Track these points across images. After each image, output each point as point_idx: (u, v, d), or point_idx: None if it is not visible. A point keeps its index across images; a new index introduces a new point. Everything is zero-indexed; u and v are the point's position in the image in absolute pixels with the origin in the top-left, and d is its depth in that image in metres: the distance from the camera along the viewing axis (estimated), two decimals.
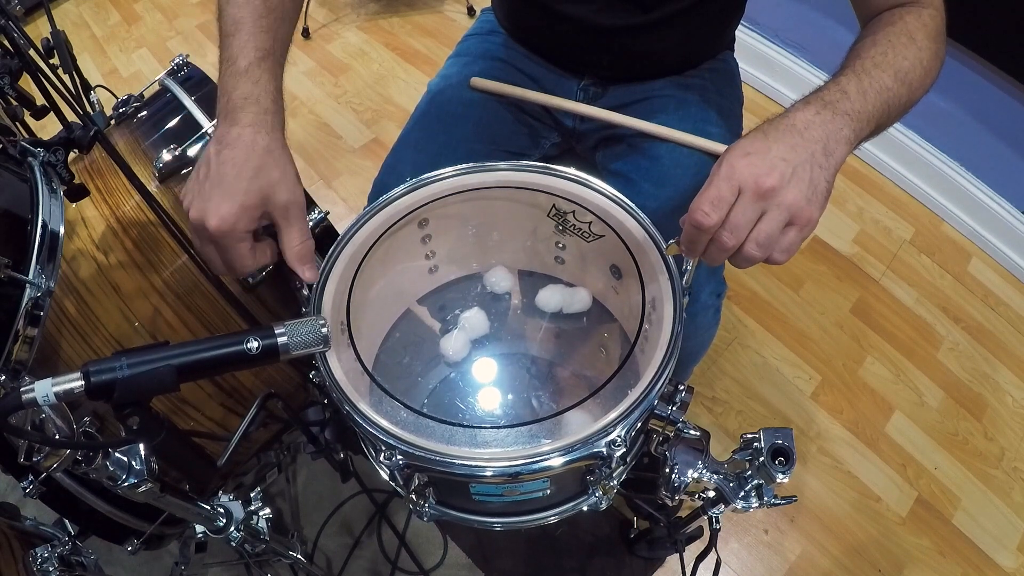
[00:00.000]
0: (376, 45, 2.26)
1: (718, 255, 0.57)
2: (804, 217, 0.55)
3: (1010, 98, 1.52)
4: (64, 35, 0.91)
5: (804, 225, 0.56)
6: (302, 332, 0.55)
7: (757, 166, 0.54)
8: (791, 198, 0.54)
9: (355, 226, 0.75)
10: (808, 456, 1.39)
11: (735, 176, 0.54)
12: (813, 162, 0.56)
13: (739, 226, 0.55)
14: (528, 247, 0.86)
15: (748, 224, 0.55)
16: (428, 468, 0.60)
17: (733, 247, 0.56)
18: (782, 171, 0.54)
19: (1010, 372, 1.52)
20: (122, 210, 0.88)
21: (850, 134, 0.59)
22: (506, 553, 1.26)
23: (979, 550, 1.29)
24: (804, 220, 0.55)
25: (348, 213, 1.79)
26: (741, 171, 0.54)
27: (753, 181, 0.54)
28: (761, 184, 0.54)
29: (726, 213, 0.55)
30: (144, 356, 0.50)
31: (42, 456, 0.55)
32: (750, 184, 0.54)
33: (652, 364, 0.62)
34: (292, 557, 0.99)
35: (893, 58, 0.65)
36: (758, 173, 0.54)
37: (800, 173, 0.55)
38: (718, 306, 0.88)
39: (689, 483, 0.73)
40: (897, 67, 0.64)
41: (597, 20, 0.88)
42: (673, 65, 0.97)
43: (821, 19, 1.78)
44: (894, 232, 1.75)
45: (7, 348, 0.68)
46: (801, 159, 0.56)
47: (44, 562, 0.84)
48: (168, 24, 2.39)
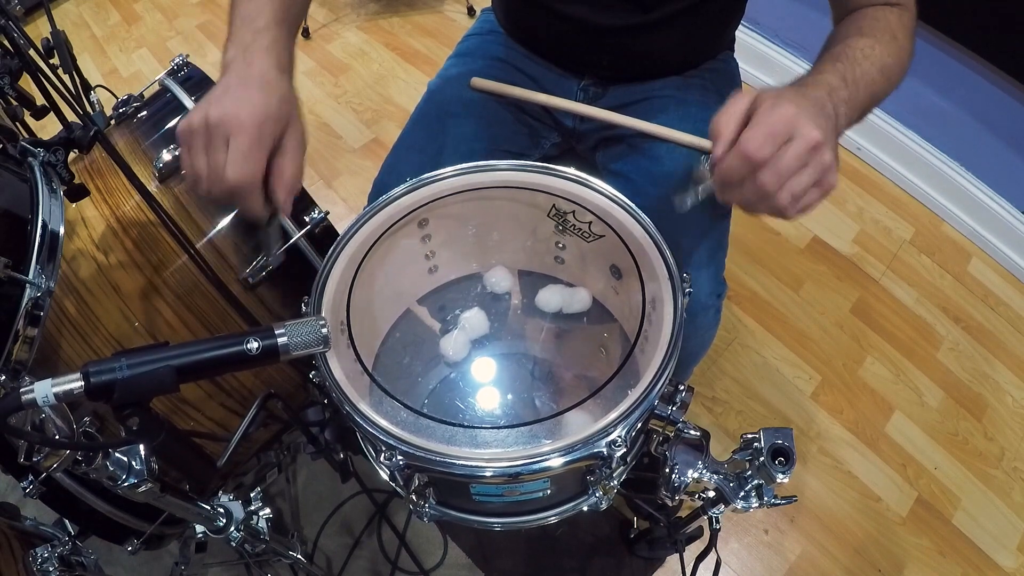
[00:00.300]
0: (376, 45, 2.26)
1: (753, 196, 0.56)
2: (829, 181, 0.56)
3: (1010, 98, 1.52)
4: (64, 35, 0.91)
5: (827, 189, 0.56)
6: (302, 332, 0.55)
7: (807, 120, 0.54)
8: (828, 159, 0.55)
9: (355, 226, 0.75)
10: (808, 456, 1.39)
11: (791, 121, 0.54)
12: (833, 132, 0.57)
13: (784, 172, 0.54)
14: (528, 247, 0.86)
15: (791, 172, 0.54)
16: (428, 468, 0.60)
17: (773, 192, 0.54)
18: (823, 132, 0.54)
19: (1010, 372, 1.52)
20: (122, 210, 0.88)
21: (844, 122, 0.61)
22: (506, 553, 1.26)
23: (979, 550, 1.29)
24: (828, 184, 0.56)
25: (348, 213, 1.79)
26: (796, 119, 0.54)
27: (807, 132, 0.53)
28: (813, 138, 0.53)
29: (776, 152, 0.54)
30: (144, 356, 0.50)
31: (42, 456, 0.55)
32: (804, 133, 0.53)
33: (652, 364, 0.62)
34: (292, 557, 0.99)
35: (880, 53, 0.66)
36: (810, 127, 0.54)
37: (830, 139, 0.55)
38: (718, 306, 0.88)
39: (689, 483, 0.73)
40: (883, 63, 0.66)
41: (597, 20, 0.88)
42: (673, 65, 0.97)
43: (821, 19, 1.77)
44: (894, 232, 1.75)
45: (7, 348, 0.68)
46: (828, 127, 0.56)
47: (44, 562, 0.84)
48: (168, 24, 2.39)
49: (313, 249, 0.90)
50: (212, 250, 0.88)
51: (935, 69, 1.60)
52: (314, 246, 0.90)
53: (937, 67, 1.59)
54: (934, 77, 1.63)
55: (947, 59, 1.56)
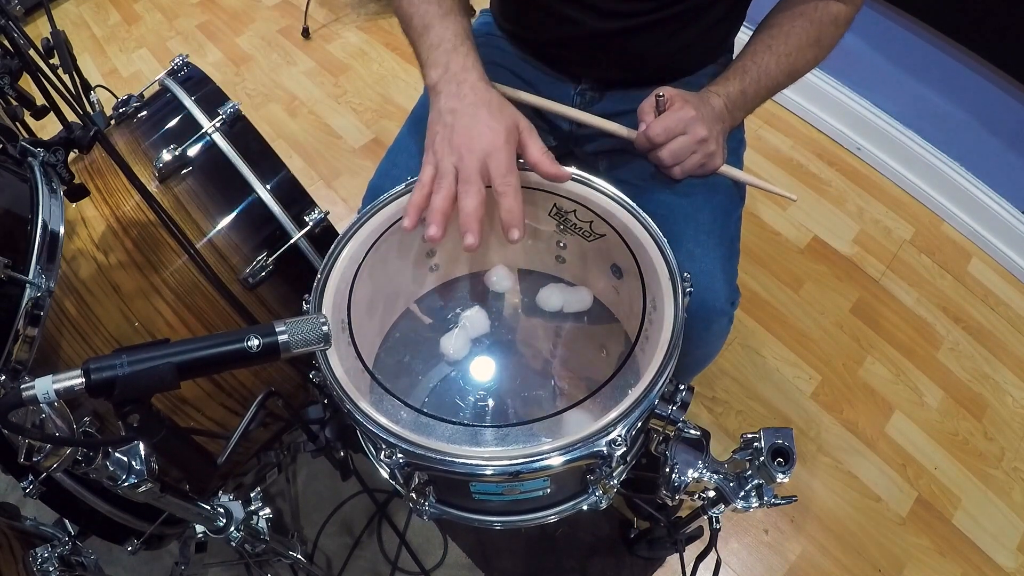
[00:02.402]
0: (376, 45, 2.26)
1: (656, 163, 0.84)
2: (714, 163, 0.83)
3: (1010, 98, 1.52)
4: (64, 35, 0.91)
5: (712, 168, 0.84)
6: (303, 330, 0.55)
7: (698, 121, 0.80)
8: (711, 149, 0.82)
9: (356, 224, 0.75)
10: (808, 456, 1.39)
11: (687, 121, 0.79)
12: (721, 131, 0.83)
13: (677, 153, 0.81)
14: (529, 246, 0.86)
15: (683, 155, 0.81)
16: (428, 467, 0.60)
17: (668, 166, 0.82)
18: (710, 130, 0.80)
19: (1010, 372, 1.52)
20: (122, 210, 0.88)
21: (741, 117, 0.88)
22: (506, 553, 1.26)
23: (979, 550, 1.29)
24: (713, 165, 0.83)
25: (348, 213, 1.79)
26: (691, 121, 0.79)
27: (695, 130, 0.80)
28: (699, 134, 0.80)
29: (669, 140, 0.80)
30: (144, 353, 0.50)
31: (42, 456, 0.54)
32: (693, 130, 0.80)
33: (653, 364, 0.63)
34: (292, 557, 0.99)
35: (795, 60, 0.85)
36: (700, 126, 0.80)
37: (716, 136, 0.82)
38: (731, 315, 0.88)
39: (689, 483, 0.73)
40: (793, 69, 0.85)
41: (596, 22, 0.88)
42: (673, 70, 0.96)
43: None
44: (894, 232, 1.75)
45: (7, 348, 0.68)
46: (716, 128, 0.82)
47: (44, 562, 0.84)
48: (168, 24, 2.39)
49: (313, 249, 0.90)
50: (212, 250, 0.88)
51: (935, 69, 1.60)
52: (314, 246, 0.90)
53: (937, 67, 1.59)
54: (934, 77, 1.63)
55: (947, 59, 1.56)
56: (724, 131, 0.84)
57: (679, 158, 0.81)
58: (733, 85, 0.84)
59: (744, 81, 0.84)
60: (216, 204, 0.89)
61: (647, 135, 0.80)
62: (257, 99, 2.09)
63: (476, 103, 0.72)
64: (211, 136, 0.89)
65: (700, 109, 0.80)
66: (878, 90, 1.78)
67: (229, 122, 0.91)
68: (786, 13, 0.86)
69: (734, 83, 0.84)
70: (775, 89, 0.87)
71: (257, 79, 2.16)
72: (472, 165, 0.69)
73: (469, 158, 0.69)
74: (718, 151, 0.82)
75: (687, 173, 0.83)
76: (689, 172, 0.83)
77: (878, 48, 1.69)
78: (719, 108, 0.83)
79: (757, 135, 1.93)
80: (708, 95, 0.83)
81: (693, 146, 0.80)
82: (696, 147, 0.80)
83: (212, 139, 0.90)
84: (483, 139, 0.69)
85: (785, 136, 1.93)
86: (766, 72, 0.84)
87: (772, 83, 0.85)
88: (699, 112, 0.80)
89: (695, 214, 0.86)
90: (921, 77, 1.66)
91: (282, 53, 2.24)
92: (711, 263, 0.83)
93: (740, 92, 0.84)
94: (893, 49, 1.66)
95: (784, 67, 0.84)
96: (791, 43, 0.84)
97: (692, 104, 0.80)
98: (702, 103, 0.81)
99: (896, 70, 1.70)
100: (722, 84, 0.85)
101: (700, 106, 0.80)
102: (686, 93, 0.82)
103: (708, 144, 0.80)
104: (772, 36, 0.85)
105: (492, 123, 0.70)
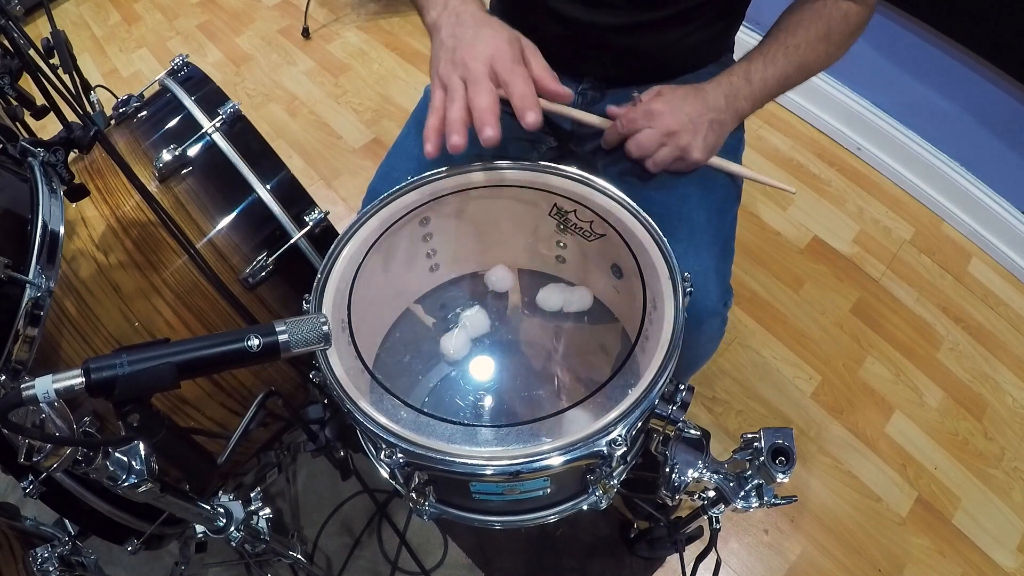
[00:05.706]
0: (376, 45, 2.26)
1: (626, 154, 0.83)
2: (692, 158, 0.81)
3: (1010, 98, 1.52)
4: (64, 35, 0.91)
5: (691, 164, 0.82)
6: (303, 330, 0.55)
7: (669, 114, 0.80)
8: (684, 142, 0.80)
9: (356, 224, 0.75)
10: (808, 456, 1.39)
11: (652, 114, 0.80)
12: (710, 124, 0.81)
13: (643, 146, 0.81)
14: (529, 246, 0.86)
15: (650, 148, 0.81)
16: (428, 466, 0.60)
17: (636, 157, 0.82)
18: (685, 124, 0.79)
19: (1010, 372, 1.52)
20: (122, 210, 0.88)
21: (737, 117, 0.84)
22: (506, 553, 1.26)
23: (979, 550, 1.29)
24: (692, 161, 0.81)
25: (348, 213, 1.79)
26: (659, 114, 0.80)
27: (661, 122, 0.80)
28: (666, 126, 0.80)
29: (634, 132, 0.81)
30: (145, 353, 0.50)
31: (42, 456, 0.54)
32: (659, 123, 0.80)
33: (653, 364, 0.63)
34: (292, 557, 0.99)
35: (804, 52, 0.83)
36: (668, 119, 0.79)
37: (694, 128, 0.80)
38: (725, 315, 0.87)
39: (689, 483, 0.73)
40: (803, 61, 0.84)
41: (597, 20, 0.88)
42: (673, 68, 0.96)
43: None
44: (894, 232, 1.75)
45: (7, 348, 0.68)
46: (703, 119, 0.80)
47: (44, 562, 0.84)
48: (168, 24, 2.39)
49: (313, 249, 0.90)
50: (212, 250, 0.88)
51: (935, 69, 1.60)
52: (314, 246, 0.90)
53: (937, 67, 1.59)
54: (934, 77, 1.63)
55: (947, 59, 1.56)
56: (717, 122, 0.82)
57: (646, 151, 0.81)
58: (737, 74, 0.83)
59: (749, 70, 0.83)
60: (216, 204, 0.89)
61: (616, 126, 0.82)
62: (257, 99, 2.09)
63: (477, 24, 0.72)
64: (211, 136, 0.89)
65: (674, 103, 0.80)
66: (878, 90, 1.78)
67: (229, 122, 0.91)
68: (794, 11, 0.86)
69: (738, 72, 0.84)
70: (784, 81, 0.85)
71: (257, 79, 2.16)
72: (479, 69, 0.69)
73: (474, 65, 0.69)
74: (694, 144, 0.80)
75: (661, 167, 0.82)
76: (664, 166, 0.82)
77: (878, 48, 1.69)
78: (715, 98, 0.82)
79: (757, 135, 1.93)
80: (705, 85, 0.83)
81: (661, 139, 0.80)
82: (664, 139, 0.80)
83: (212, 139, 0.89)
84: (487, 46, 0.70)
85: (785, 136, 1.93)
86: (772, 62, 0.83)
87: (780, 73, 0.84)
88: (670, 106, 0.80)
89: (690, 213, 0.86)
90: (921, 77, 1.66)
91: (282, 53, 2.24)
92: (704, 263, 0.83)
93: (744, 81, 0.83)
94: (893, 49, 1.66)
95: (793, 59, 0.83)
96: (799, 36, 0.83)
97: (665, 98, 0.81)
98: (689, 95, 0.81)
99: (896, 70, 1.70)
100: (725, 74, 0.84)
101: (680, 99, 0.80)
102: (673, 87, 0.82)
103: (679, 137, 0.80)
104: (779, 30, 0.86)
105: (493, 33, 0.71)
